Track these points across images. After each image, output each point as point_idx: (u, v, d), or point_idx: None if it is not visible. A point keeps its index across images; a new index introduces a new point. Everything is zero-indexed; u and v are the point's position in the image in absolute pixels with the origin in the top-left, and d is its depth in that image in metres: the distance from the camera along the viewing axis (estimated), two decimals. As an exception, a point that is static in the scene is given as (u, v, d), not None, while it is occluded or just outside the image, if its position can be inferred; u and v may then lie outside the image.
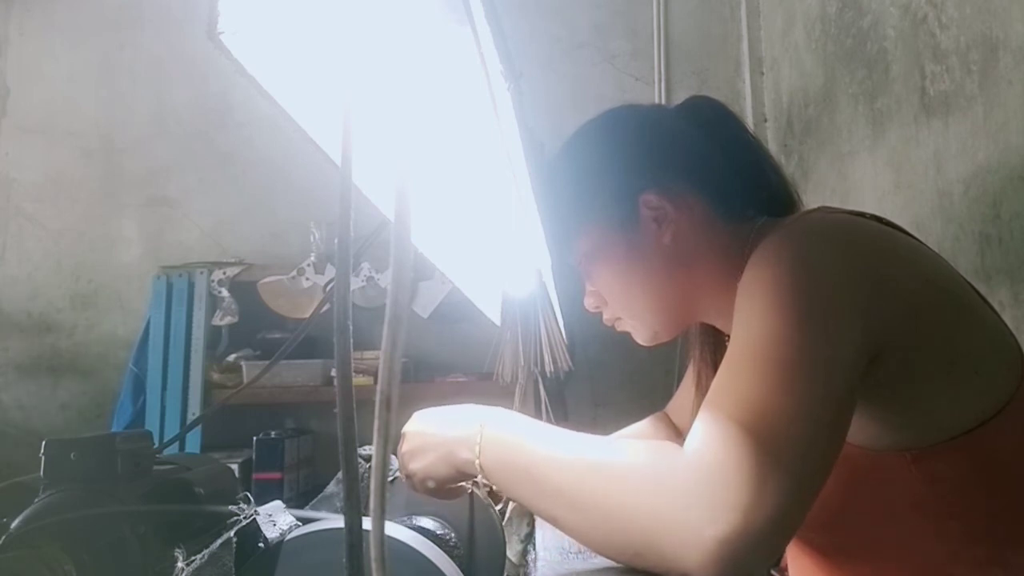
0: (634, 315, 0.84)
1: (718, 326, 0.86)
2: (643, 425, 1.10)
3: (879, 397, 0.62)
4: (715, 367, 0.90)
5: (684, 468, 0.55)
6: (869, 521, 0.67)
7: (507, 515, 1.00)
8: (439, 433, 0.71)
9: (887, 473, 0.64)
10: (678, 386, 1.10)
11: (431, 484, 0.71)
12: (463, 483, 0.75)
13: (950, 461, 0.62)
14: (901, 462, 0.63)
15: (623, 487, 0.57)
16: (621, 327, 0.87)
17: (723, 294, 0.76)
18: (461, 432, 0.68)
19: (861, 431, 0.64)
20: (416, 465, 0.71)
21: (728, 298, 0.72)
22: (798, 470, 0.53)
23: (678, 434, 1.06)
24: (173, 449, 0.88)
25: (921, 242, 0.70)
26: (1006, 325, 0.69)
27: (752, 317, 0.60)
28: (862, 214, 0.71)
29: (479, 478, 0.69)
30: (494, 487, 0.72)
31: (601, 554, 0.64)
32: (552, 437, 0.65)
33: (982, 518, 0.63)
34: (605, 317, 0.88)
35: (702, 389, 0.91)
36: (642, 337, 0.86)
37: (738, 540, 0.51)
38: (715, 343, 0.90)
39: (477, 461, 0.66)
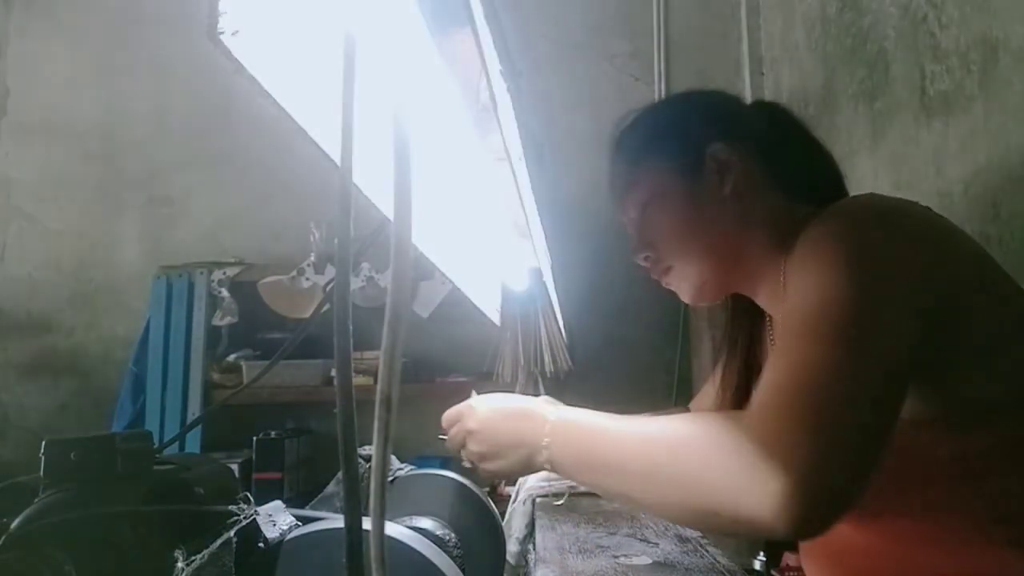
0: (684, 264, 0.84)
1: (758, 301, 0.87)
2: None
3: (920, 371, 0.64)
4: (748, 346, 0.91)
5: (748, 428, 0.58)
6: (896, 492, 0.67)
7: (507, 515, 1.00)
8: (509, 436, 0.75)
9: (916, 447, 0.65)
10: (678, 386, 1.10)
11: (499, 478, 0.77)
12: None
13: (980, 440, 0.63)
14: (931, 437, 0.64)
15: (691, 453, 0.61)
16: (668, 281, 0.87)
17: (768, 265, 0.79)
18: (530, 438, 0.73)
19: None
20: (490, 466, 0.77)
21: (772, 271, 0.78)
22: (856, 425, 0.56)
23: None
24: (173, 449, 0.88)
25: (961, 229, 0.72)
26: None
27: (809, 290, 0.63)
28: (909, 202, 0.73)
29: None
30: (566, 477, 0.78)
31: (678, 523, 0.67)
32: (615, 424, 0.69)
33: (1006, 497, 0.64)
34: (654, 271, 0.87)
35: (732, 368, 0.91)
36: (688, 291, 0.85)
37: (806, 491, 0.54)
38: (752, 322, 0.91)
39: (548, 464, 0.71)
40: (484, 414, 0.79)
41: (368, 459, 0.76)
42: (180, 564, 0.41)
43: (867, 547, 0.72)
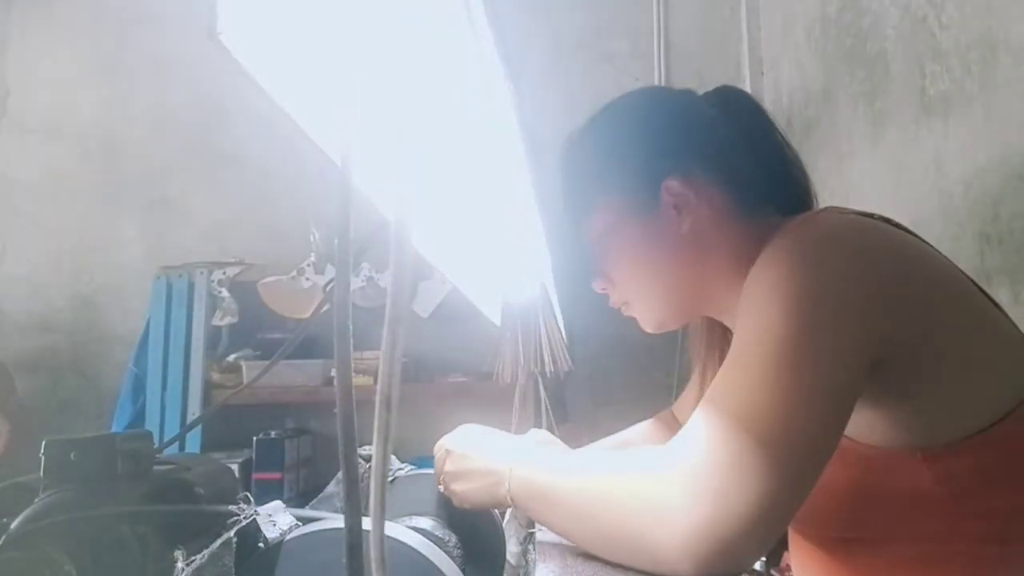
0: (642, 300, 0.83)
1: (724, 321, 0.85)
2: (642, 427, 1.09)
3: (891, 398, 0.63)
4: (720, 363, 0.90)
5: (669, 461, 0.57)
6: (882, 518, 0.67)
7: (507, 515, 1.00)
8: (480, 462, 0.75)
9: (900, 472, 0.64)
10: (678, 386, 1.10)
11: (468, 504, 0.76)
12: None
13: (963, 460, 0.62)
14: (913, 461, 0.63)
15: (615, 487, 0.61)
16: (627, 311, 0.86)
17: (731, 289, 0.76)
18: (497, 466, 0.73)
19: (873, 431, 0.64)
20: (458, 487, 0.76)
21: (735, 294, 0.73)
22: (784, 465, 0.54)
23: None
24: (173, 449, 0.88)
25: (928, 244, 0.70)
26: (1015, 324, 0.69)
27: (755, 317, 0.61)
28: (870, 215, 0.70)
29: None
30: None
31: (613, 561, 0.66)
32: (569, 464, 0.69)
33: (994, 517, 0.63)
34: (612, 300, 0.86)
35: (706, 385, 0.91)
36: (648, 323, 0.85)
37: (717, 528, 0.52)
38: (721, 339, 0.90)
39: (509, 497, 0.71)
40: (465, 437, 0.80)
41: (368, 459, 0.76)
42: (180, 564, 0.41)
43: (855, 570, 0.71)
